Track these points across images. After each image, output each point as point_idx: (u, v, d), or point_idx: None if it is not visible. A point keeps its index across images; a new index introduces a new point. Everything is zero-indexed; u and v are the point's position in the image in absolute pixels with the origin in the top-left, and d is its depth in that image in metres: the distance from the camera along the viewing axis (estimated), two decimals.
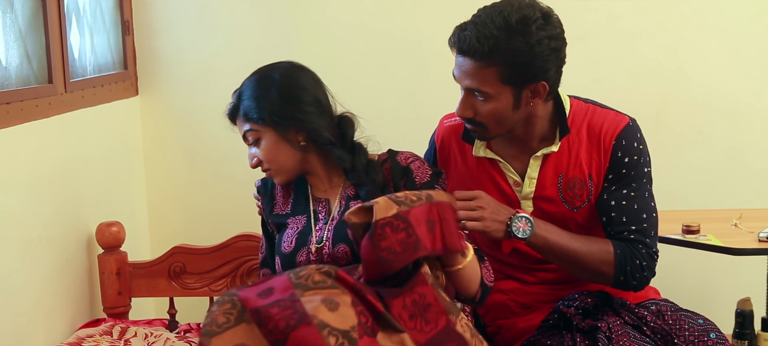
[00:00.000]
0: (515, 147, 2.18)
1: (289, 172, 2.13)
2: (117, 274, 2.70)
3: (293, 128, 2.07)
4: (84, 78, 2.86)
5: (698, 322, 2.05)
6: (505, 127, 2.09)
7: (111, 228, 2.69)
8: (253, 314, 1.65)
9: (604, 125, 2.13)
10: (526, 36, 1.95)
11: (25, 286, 2.31)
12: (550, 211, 2.16)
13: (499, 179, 2.19)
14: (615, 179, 2.12)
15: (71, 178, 2.63)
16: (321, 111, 2.09)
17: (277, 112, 2.05)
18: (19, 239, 2.29)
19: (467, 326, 1.82)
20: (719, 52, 3.31)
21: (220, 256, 2.74)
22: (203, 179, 3.40)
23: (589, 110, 2.17)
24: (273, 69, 2.13)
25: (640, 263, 2.09)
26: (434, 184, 2.10)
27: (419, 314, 1.74)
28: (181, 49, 3.34)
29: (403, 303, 1.75)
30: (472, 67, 2.00)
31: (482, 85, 2.00)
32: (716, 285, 3.39)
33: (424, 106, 3.28)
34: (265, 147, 2.08)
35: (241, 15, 3.31)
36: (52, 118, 2.51)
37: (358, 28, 3.31)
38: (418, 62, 3.31)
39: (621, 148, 2.10)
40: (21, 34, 2.44)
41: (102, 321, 2.60)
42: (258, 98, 2.07)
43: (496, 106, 2.03)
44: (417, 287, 1.77)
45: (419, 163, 2.12)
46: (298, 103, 2.06)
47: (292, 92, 2.07)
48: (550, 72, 2.01)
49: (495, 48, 1.95)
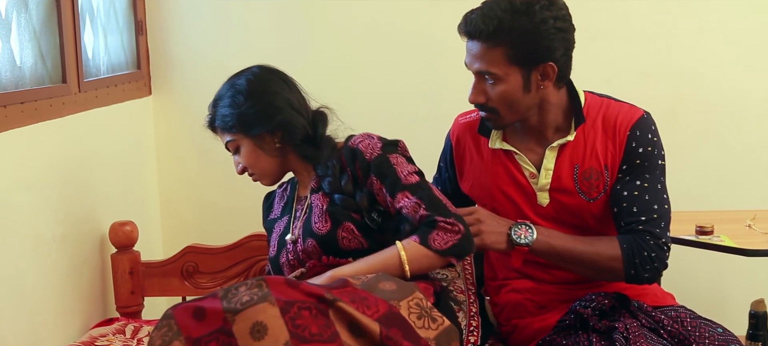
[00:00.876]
0: (531, 139, 2.19)
1: (272, 174, 2.20)
2: (130, 273, 2.71)
3: (266, 133, 2.12)
4: (98, 78, 2.87)
5: (718, 331, 2.04)
6: (517, 113, 2.11)
7: (124, 227, 2.69)
8: (192, 343, 1.62)
9: (618, 117, 2.15)
10: (529, 16, 2.00)
11: (39, 285, 2.32)
12: (567, 202, 2.17)
13: (515, 171, 2.20)
14: (628, 169, 2.13)
15: (85, 177, 2.64)
16: (291, 111, 2.12)
17: (248, 120, 2.10)
18: (33, 238, 2.30)
19: (416, 307, 1.80)
20: (733, 51, 3.29)
21: (232, 255, 2.74)
22: (216, 178, 3.40)
23: (603, 103, 2.19)
24: (241, 76, 2.16)
25: (648, 254, 2.08)
26: (389, 153, 2.09)
27: (359, 301, 1.71)
28: (194, 48, 3.35)
29: (340, 292, 1.72)
30: (479, 50, 2.06)
31: (490, 67, 2.05)
32: (730, 286, 3.37)
33: (438, 105, 3.29)
34: (244, 154, 2.15)
35: (255, 14, 3.31)
36: (65, 117, 2.52)
37: (371, 26, 3.31)
38: (432, 60, 3.31)
39: (635, 139, 2.12)
40: (35, 34, 2.45)
41: (115, 320, 2.61)
42: (230, 107, 2.12)
43: (506, 89, 2.06)
44: (347, 289, 1.76)
45: (368, 142, 2.10)
46: (267, 108, 2.10)
47: (262, 98, 2.11)
48: (556, 52, 2.04)
49: (499, 28, 2.01)
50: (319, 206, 2.11)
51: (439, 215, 1.99)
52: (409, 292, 1.83)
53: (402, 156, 2.11)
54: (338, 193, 2.10)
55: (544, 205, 2.18)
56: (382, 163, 2.07)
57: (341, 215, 2.07)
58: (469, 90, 2.12)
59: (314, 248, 2.09)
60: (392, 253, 1.98)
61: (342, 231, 2.06)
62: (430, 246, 1.97)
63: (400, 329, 1.71)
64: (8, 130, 2.18)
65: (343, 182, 2.09)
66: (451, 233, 1.98)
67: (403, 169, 2.06)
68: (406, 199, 2.03)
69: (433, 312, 1.82)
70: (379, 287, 1.82)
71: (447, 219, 1.99)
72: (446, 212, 2.01)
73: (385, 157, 2.07)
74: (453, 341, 1.80)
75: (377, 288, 1.81)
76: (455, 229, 1.99)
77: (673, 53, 3.29)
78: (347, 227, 2.06)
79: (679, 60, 3.29)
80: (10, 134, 2.18)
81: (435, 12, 3.28)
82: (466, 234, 2.00)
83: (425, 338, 1.75)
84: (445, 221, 1.99)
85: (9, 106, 2.20)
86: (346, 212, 2.08)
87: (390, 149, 2.10)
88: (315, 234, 2.09)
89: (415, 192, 2.03)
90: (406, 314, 1.77)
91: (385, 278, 1.87)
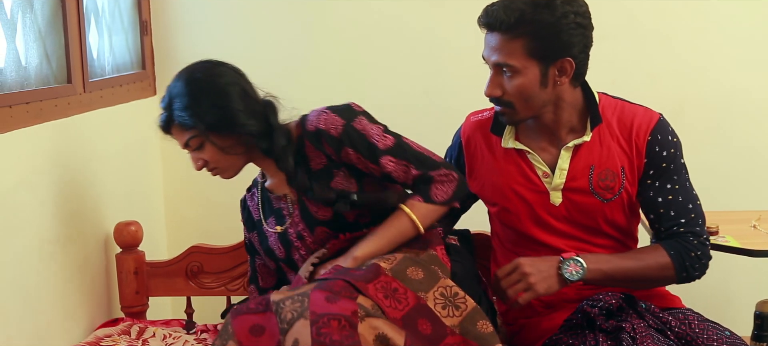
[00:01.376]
0: (544, 138, 2.19)
1: (237, 167, 2.20)
2: (135, 273, 2.71)
3: (228, 127, 2.10)
4: (103, 78, 2.88)
5: (725, 334, 2.05)
6: (533, 108, 2.11)
7: (129, 227, 2.70)
8: None
9: (635, 120, 2.15)
10: (551, 9, 2.00)
11: (44, 285, 2.32)
12: (580, 202, 2.17)
13: (528, 170, 2.20)
14: (656, 174, 2.15)
15: (89, 177, 2.65)
16: (248, 103, 2.12)
17: (213, 119, 2.08)
18: (38, 238, 2.30)
19: (441, 297, 1.91)
20: (738, 51, 3.28)
21: (237, 255, 2.74)
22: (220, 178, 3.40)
23: (618, 105, 2.19)
24: (195, 71, 2.14)
25: (695, 254, 2.12)
26: (351, 121, 2.10)
27: (391, 295, 1.85)
28: (199, 49, 3.34)
29: (375, 287, 1.84)
30: (499, 41, 2.05)
31: (509, 59, 2.04)
32: (735, 287, 3.37)
33: (442, 103, 3.29)
34: (209, 150, 2.13)
35: (259, 15, 3.31)
36: (71, 117, 2.53)
37: (375, 26, 3.31)
38: (436, 59, 3.31)
39: (657, 143, 2.13)
40: (40, 34, 2.45)
41: (120, 321, 2.61)
42: (191, 107, 2.08)
43: (523, 82, 2.06)
44: (381, 277, 1.87)
45: (325, 117, 2.11)
46: (229, 101, 2.09)
47: (221, 93, 2.09)
48: (575, 48, 2.04)
49: (521, 19, 2.00)
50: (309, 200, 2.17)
51: (431, 170, 2.10)
52: (434, 280, 1.94)
53: (363, 117, 2.13)
54: (310, 194, 2.13)
55: (557, 204, 2.18)
56: (350, 134, 2.09)
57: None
58: (485, 84, 2.12)
59: (325, 234, 2.16)
60: (402, 219, 2.09)
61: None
62: (434, 201, 2.09)
63: (428, 319, 1.84)
64: (13, 130, 2.18)
65: (310, 178, 2.13)
66: (447, 183, 2.10)
67: (374, 133, 2.10)
68: (391, 163, 2.09)
69: (456, 299, 1.92)
70: (408, 275, 1.92)
71: (439, 171, 2.10)
72: (435, 164, 2.11)
73: (350, 127, 2.09)
74: (478, 321, 1.89)
75: (406, 277, 1.92)
76: (449, 177, 2.10)
77: (678, 54, 3.28)
78: None
79: (683, 61, 3.29)
80: (15, 134, 2.19)
81: (438, 11, 3.28)
82: (459, 178, 2.12)
83: (450, 325, 1.86)
84: (438, 173, 2.10)
85: (14, 106, 2.21)
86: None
87: (349, 116, 2.11)
88: (321, 221, 2.15)
89: (398, 154, 2.10)
90: (433, 305, 1.89)
91: (413, 263, 1.97)
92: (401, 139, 2.13)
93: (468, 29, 3.27)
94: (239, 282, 2.75)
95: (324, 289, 1.78)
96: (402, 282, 1.89)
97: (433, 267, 2.00)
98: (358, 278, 1.85)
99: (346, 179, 2.14)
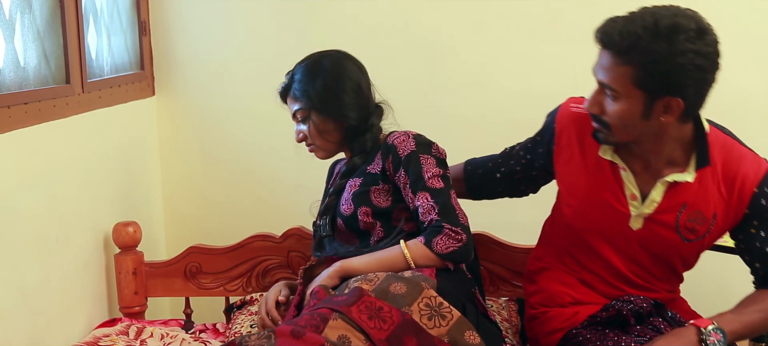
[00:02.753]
0: (641, 161, 2.09)
1: (328, 150, 2.35)
2: (133, 273, 2.71)
3: (336, 111, 2.27)
4: (101, 78, 2.87)
5: None
6: (630, 135, 2.01)
7: (127, 228, 2.70)
8: None
9: (742, 169, 2.06)
10: (670, 43, 1.85)
11: (42, 285, 2.32)
12: (660, 234, 2.10)
13: (616, 187, 2.12)
14: (760, 224, 2.08)
15: (88, 178, 2.64)
16: (358, 97, 2.29)
17: (323, 97, 2.26)
18: (36, 238, 2.30)
19: (426, 307, 1.93)
20: (743, 51, 3.26)
21: (235, 256, 2.75)
22: (219, 179, 3.41)
23: (727, 144, 2.09)
24: (323, 57, 2.34)
25: None
26: (421, 152, 2.20)
27: (375, 315, 1.87)
28: (197, 49, 3.35)
29: (358, 309, 1.87)
30: (608, 62, 1.93)
31: (613, 82, 1.93)
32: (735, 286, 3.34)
33: (441, 106, 3.28)
34: (311, 126, 2.29)
35: (258, 15, 3.31)
36: (69, 118, 2.52)
37: (375, 27, 3.31)
38: (436, 61, 3.30)
39: (764, 196, 2.05)
40: (39, 35, 2.45)
41: (118, 321, 2.61)
42: (307, 83, 2.28)
43: (624, 109, 1.95)
44: (363, 298, 1.90)
45: (403, 138, 2.24)
46: (340, 91, 2.27)
47: (339, 81, 2.28)
48: (688, 89, 1.90)
49: (634, 46, 1.87)
50: (349, 189, 2.27)
51: (447, 222, 2.12)
52: (418, 292, 1.96)
53: (433, 158, 2.22)
54: (354, 174, 2.28)
55: (634, 228, 2.11)
56: (411, 161, 2.20)
57: (362, 199, 2.24)
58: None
59: (342, 228, 2.27)
60: (397, 253, 2.13)
61: (361, 214, 2.22)
62: (433, 249, 2.11)
63: (415, 335, 1.86)
64: (12, 130, 2.18)
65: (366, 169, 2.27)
66: (453, 239, 2.11)
67: (429, 171, 2.18)
68: (424, 199, 2.16)
69: (441, 309, 1.94)
70: (391, 291, 1.94)
71: (453, 227, 2.11)
72: (455, 221, 2.13)
73: (415, 155, 2.20)
74: (465, 331, 1.92)
75: (389, 293, 1.94)
76: (458, 237, 2.11)
77: None
78: (364, 211, 2.22)
79: None
80: (13, 135, 2.18)
81: (439, 13, 3.27)
82: (467, 243, 2.12)
83: (438, 335, 1.88)
84: (450, 228, 2.11)
85: (13, 107, 2.20)
86: (367, 197, 2.23)
87: (423, 149, 2.22)
88: (342, 215, 2.26)
89: (435, 196, 2.15)
90: (418, 317, 1.90)
91: (396, 279, 1.99)
92: (447, 190, 2.18)
93: (468, 29, 3.29)
94: (238, 282, 2.75)
95: (289, 324, 1.82)
96: (385, 300, 1.91)
97: (417, 280, 2.01)
98: (340, 303, 1.88)
99: (385, 193, 2.23)
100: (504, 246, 2.68)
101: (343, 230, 2.28)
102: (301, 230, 2.73)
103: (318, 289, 2.07)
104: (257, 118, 3.30)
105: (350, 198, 2.25)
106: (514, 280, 2.67)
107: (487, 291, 2.65)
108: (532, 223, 3.30)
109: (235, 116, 3.35)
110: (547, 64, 3.23)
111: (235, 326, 2.51)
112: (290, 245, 2.75)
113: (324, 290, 2.06)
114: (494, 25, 3.26)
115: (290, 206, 3.27)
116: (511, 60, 3.27)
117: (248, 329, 2.45)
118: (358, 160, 2.29)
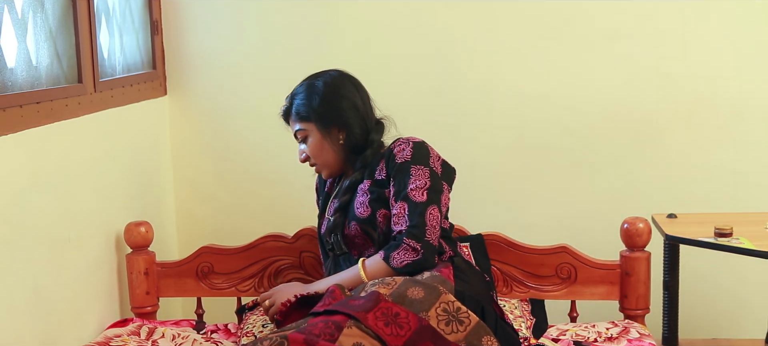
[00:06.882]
0: None
1: (332, 167, 2.39)
2: (145, 274, 2.71)
3: (334, 126, 2.33)
4: (113, 78, 2.87)
5: None
6: None
7: (139, 228, 2.69)
8: None
9: None
10: None
11: (55, 285, 2.32)
12: None
13: None
14: None
15: (100, 178, 2.64)
16: (356, 114, 2.34)
17: (321, 112, 2.32)
18: (48, 238, 2.30)
19: (444, 313, 1.94)
20: (751, 52, 3.26)
21: (247, 256, 2.74)
22: (231, 178, 3.40)
23: None
24: (320, 77, 2.38)
25: None
26: (415, 163, 2.23)
27: (392, 322, 1.87)
28: (209, 49, 3.34)
29: (374, 315, 1.87)
30: None
31: None
32: (749, 289, 3.34)
33: (450, 109, 3.27)
34: (311, 143, 2.35)
35: (270, 14, 3.31)
36: (81, 117, 2.52)
37: (387, 26, 3.30)
38: (445, 63, 3.30)
39: None
40: (51, 34, 2.45)
41: (130, 321, 2.60)
42: (305, 101, 2.35)
43: None
44: (380, 304, 1.91)
45: (402, 146, 2.27)
46: (337, 108, 2.32)
47: (335, 97, 2.33)
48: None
49: None
50: (361, 193, 2.31)
51: (410, 236, 2.17)
52: (435, 296, 1.97)
53: (428, 169, 2.23)
54: (362, 180, 2.33)
55: None
56: (401, 170, 2.24)
57: (379, 202, 2.28)
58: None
59: (356, 230, 2.30)
60: (355, 274, 2.21)
61: (379, 216, 2.27)
62: (390, 263, 2.17)
63: (432, 341, 1.87)
64: (24, 130, 2.18)
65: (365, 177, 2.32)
66: (410, 253, 2.16)
67: (415, 182, 2.21)
68: (400, 209, 2.21)
69: (459, 314, 1.95)
70: (408, 296, 1.96)
71: (414, 241, 2.16)
72: (419, 234, 2.17)
73: (407, 166, 2.23)
74: (483, 336, 1.93)
75: (407, 298, 1.95)
76: (415, 252, 2.16)
77: (692, 54, 3.26)
78: (383, 213, 2.26)
79: (697, 61, 3.26)
80: (25, 134, 2.18)
81: (449, 13, 3.26)
82: (423, 257, 2.16)
83: (456, 341, 1.89)
84: (409, 242, 2.16)
85: (25, 106, 2.20)
86: (384, 200, 2.27)
87: (418, 160, 2.25)
88: (357, 218, 2.28)
89: (411, 207, 2.20)
90: (436, 323, 1.91)
91: (413, 283, 2.01)
92: (427, 204, 2.20)
93: (478, 32, 3.27)
94: (250, 282, 2.75)
95: (303, 332, 1.81)
96: (402, 305, 1.92)
97: (435, 283, 2.02)
98: (357, 308, 1.89)
99: (374, 200, 2.27)
100: (516, 247, 2.66)
101: (357, 234, 2.30)
102: (314, 231, 2.72)
103: (334, 288, 2.07)
104: (269, 117, 3.29)
105: (367, 201, 2.28)
106: (528, 280, 2.65)
107: (500, 292, 2.63)
108: (544, 223, 3.30)
109: (248, 116, 3.35)
110: (558, 67, 3.21)
111: (246, 327, 2.50)
112: (302, 246, 2.74)
113: (340, 290, 2.06)
114: (505, 27, 3.25)
115: (302, 206, 3.26)
116: (522, 62, 3.26)
117: (260, 329, 2.45)
118: (359, 175, 2.33)
